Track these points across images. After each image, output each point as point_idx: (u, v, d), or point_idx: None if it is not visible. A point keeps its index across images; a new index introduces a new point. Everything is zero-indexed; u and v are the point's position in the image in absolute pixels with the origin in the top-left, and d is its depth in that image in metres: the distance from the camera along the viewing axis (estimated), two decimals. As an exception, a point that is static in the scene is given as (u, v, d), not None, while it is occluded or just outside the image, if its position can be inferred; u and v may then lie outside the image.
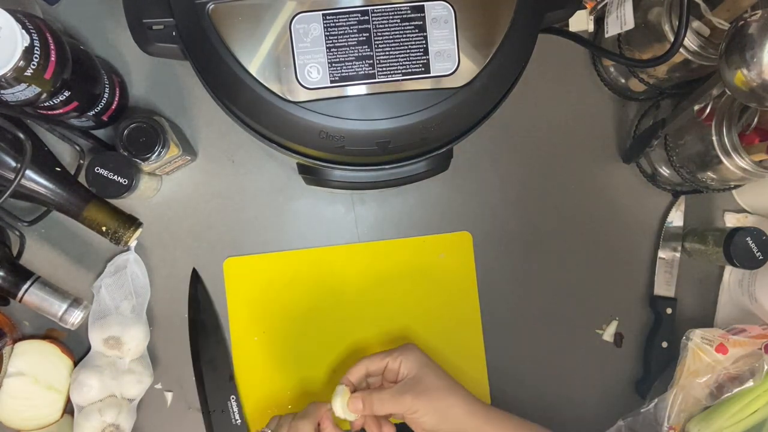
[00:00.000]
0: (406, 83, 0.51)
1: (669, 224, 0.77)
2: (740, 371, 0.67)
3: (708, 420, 0.67)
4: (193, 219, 0.74)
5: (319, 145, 0.52)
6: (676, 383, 0.68)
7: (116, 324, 0.69)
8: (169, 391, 0.73)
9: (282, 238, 0.75)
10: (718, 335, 0.69)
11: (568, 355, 0.77)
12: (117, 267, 0.72)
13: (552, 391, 0.76)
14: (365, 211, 0.76)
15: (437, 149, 0.57)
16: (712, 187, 0.70)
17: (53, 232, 0.72)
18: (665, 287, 0.77)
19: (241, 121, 0.55)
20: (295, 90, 0.50)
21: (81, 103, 0.62)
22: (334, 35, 0.50)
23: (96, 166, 0.64)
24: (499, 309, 0.76)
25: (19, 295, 0.66)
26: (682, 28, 0.54)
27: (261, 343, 0.74)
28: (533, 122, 0.77)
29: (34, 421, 0.69)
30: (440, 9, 0.50)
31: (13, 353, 0.69)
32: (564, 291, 0.77)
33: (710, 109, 0.64)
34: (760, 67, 0.50)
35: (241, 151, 0.75)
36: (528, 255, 0.77)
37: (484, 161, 0.77)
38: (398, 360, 0.62)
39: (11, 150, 0.63)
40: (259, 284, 0.74)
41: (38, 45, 0.52)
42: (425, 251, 0.76)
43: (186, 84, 0.74)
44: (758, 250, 0.68)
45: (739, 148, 0.63)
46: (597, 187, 0.78)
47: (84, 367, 0.69)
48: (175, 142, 0.67)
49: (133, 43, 0.54)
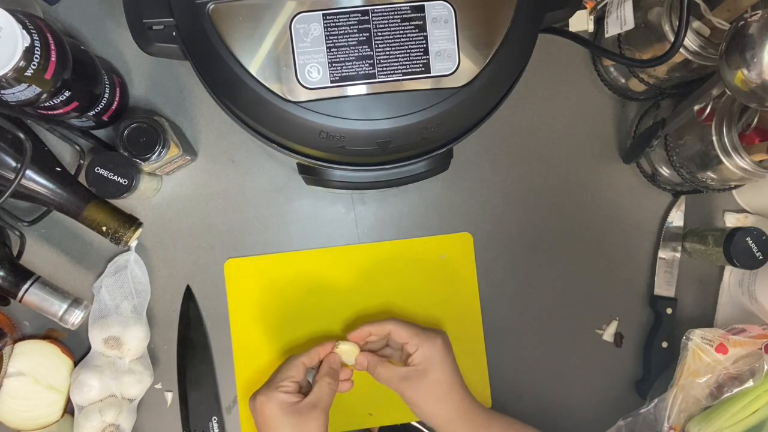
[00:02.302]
0: (406, 83, 0.51)
1: (669, 224, 0.77)
2: (740, 371, 0.67)
3: (708, 420, 0.66)
4: (193, 219, 0.74)
5: (319, 145, 0.52)
6: (676, 383, 0.68)
7: (116, 324, 0.69)
8: (169, 391, 0.73)
9: (282, 238, 0.75)
10: (718, 335, 0.69)
11: (568, 355, 0.77)
12: (117, 267, 0.72)
13: (552, 391, 0.76)
14: (365, 211, 0.76)
15: (437, 149, 0.57)
16: (712, 187, 0.70)
17: (53, 232, 0.73)
18: (665, 287, 0.77)
19: (241, 121, 0.55)
20: (296, 90, 0.50)
21: (81, 103, 0.62)
22: (335, 35, 0.50)
23: (96, 166, 0.64)
24: (500, 309, 0.76)
25: (19, 295, 0.65)
26: (682, 28, 0.54)
27: (262, 344, 0.74)
28: (533, 122, 0.77)
29: (34, 421, 0.69)
30: (440, 9, 0.50)
31: (13, 353, 0.69)
32: (564, 291, 0.77)
33: (710, 109, 0.64)
34: (760, 67, 0.50)
35: (241, 151, 0.75)
36: (528, 255, 0.77)
37: (484, 161, 0.77)
38: (416, 347, 0.63)
39: (11, 150, 0.63)
40: (260, 285, 0.74)
41: (39, 45, 0.52)
42: (426, 252, 0.76)
43: (186, 84, 0.74)
44: (758, 250, 0.68)
45: (739, 148, 0.63)
46: (597, 187, 0.78)
47: (84, 367, 0.69)
48: (176, 142, 0.67)
49: (133, 43, 0.54)
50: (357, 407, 0.75)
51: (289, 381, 0.60)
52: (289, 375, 0.61)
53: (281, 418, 0.58)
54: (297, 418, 0.58)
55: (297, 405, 0.59)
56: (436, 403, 0.62)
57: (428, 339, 0.63)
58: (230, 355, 0.74)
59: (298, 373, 0.61)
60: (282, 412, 0.58)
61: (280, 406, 0.59)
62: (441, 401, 0.62)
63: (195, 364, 0.73)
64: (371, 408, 0.75)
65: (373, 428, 0.75)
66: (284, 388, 0.60)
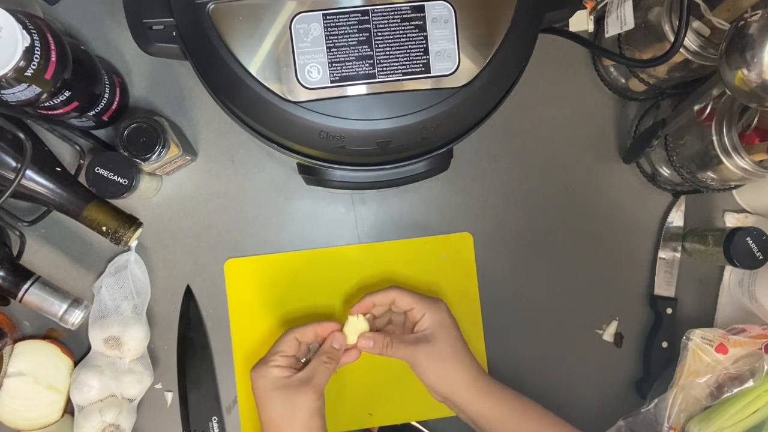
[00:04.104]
0: (406, 83, 0.51)
1: (669, 224, 0.77)
2: (740, 371, 0.67)
3: (708, 420, 0.66)
4: (193, 219, 0.74)
5: (319, 145, 0.52)
6: (676, 383, 0.68)
7: (116, 324, 0.69)
8: (169, 391, 0.73)
9: (282, 238, 0.75)
10: (718, 335, 0.69)
11: (568, 355, 0.77)
12: (117, 267, 0.72)
13: (552, 391, 0.76)
14: (365, 211, 0.76)
15: (437, 149, 0.57)
16: (712, 187, 0.70)
17: (53, 232, 0.73)
18: (665, 287, 0.77)
19: (241, 121, 0.55)
20: (296, 90, 0.50)
21: (81, 103, 0.62)
22: (335, 35, 0.50)
23: (96, 166, 0.64)
24: (500, 309, 0.76)
25: (19, 295, 0.65)
26: (682, 28, 0.54)
27: (262, 344, 0.74)
28: (533, 122, 0.77)
29: (34, 421, 0.69)
30: (440, 9, 0.50)
31: (13, 353, 0.69)
32: (564, 291, 0.77)
33: (710, 109, 0.64)
34: (760, 67, 0.50)
35: (241, 151, 0.75)
36: (528, 255, 0.77)
37: (484, 161, 0.77)
38: (423, 312, 0.63)
39: (11, 150, 0.63)
40: (260, 285, 0.74)
41: (39, 45, 0.52)
42: (426, 252, 0.76)
43: (186, 84, 0.74)
44: (758, 250, 0.68)
45: (739, 148, 0.63)
46: (597, 187, 0.78)
47: (84, 367, 0.69)
48: (176, 142, 0.67)
49: (133, 43, 0.54)
50: (357, 407, 0.75)
51: (279, 356, 0.60)
52: (280, 349, 0.61)
53: (271, 392, 0.58)
54: (286, 392, 0.58)
55: (288, 379, 0.59)
56: (451, 364, 0.62)
57: (433, 304, 0.64)
58: (230, 355, 0.74)
59: (290, 348, 0.61)
60: (271, 386, 0.58)
61: (270, 381, 0.59)
62: (454, 363, 0.62)
63: (195, 364, 0.73)
64: (371, 408, 0.75)
65: (373, 428, 0.75)
66: (274, 362, 0.60)
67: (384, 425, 0.75)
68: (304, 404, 0.58)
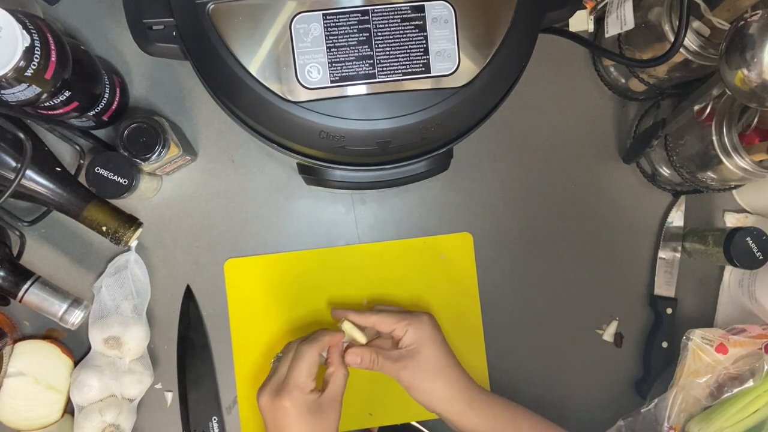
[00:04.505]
0: (406, 83, 0.51)
1: (669, 224, 0.77)
2: (740, 371, 0.67)
3: (708, 420, 0.67)
4: (193, 219, 0.74)
5: (319, 145, 0.52)
6: (676, 383, 0.68)
7: (116, 324, 0.69)
8: (169, 391, 0.73)
9: (282, 238, 0.75)
10: (718, 335, 0.69)
11: (568, 355, 0.77)
12: (117, 267, 0.72)
13: (552, 391, 0.76)
14: (365, 211, 0.76)
15: (437, 149, 0.57)
16: (712, 187, 0.70)
17: (53, 232, 0.73)
18: (665, 287, 0.77)
19: (241, 121, 0.55)
20: (296, 90, 0.50)
21: (81, 103, 0.62)
22: (335, 35, 0.50)
23: (96, 166, 0.64)
24: (500, 309, 0.76)
25: (19, 295, 0.65)
26: (682, 28, 0.54)
27: (262, 344, 0.74)
28: (533, 122, 0.77)
29: (34, 421, 0.69)
30: (440, 9, 0.50)
31: (13, 353, 0.69)
32: (564, 291, 0.77)
33: (710, 109, 0.64)
34: (760, 67, 0.50)
35: (241, 151, 0.75)
36: (528, 255, 0.77)
37: (484, 161, 0.77)
38: (405, 330, 0.63)
39: (11, 150, 0.63)
40: (260, 285, 0.74)
41: (39, 45, 0.52)
42: (426, 252, 0.76)
43: (186, 84, 0.74)
44: (758, 250, 0.68)
45: (739, 148, 0.63)
46: (597, 187, 0.78)
47: (84, 367, 0.69)
48: (176, 142, 0.67)
49: (133, 43, 0.54)
50: (357, 407, 0.75)
51: (309, 379, 0.59)
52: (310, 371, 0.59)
53: (305, 418, 0.57)
54: (319, 416, 0.58)
55: (318, 401, 0.58)
56: (434, 380, 0.62)
57: (415, 320, 0.63)
58: (230, 355, 0.74)
59: (315, 366, 0.60)
60: (307, 409, 0.57)
61: (305, 403, 0.57)
62: (438, 378, 0.62)
63: (195, 364, 0.73)
64: (371, 408, 0.75)
65: (373, 428, 0.75)
66: (308, 385, 0.58)
67: (384, 425, 0.75)
68: (334, 420, 0.59)
